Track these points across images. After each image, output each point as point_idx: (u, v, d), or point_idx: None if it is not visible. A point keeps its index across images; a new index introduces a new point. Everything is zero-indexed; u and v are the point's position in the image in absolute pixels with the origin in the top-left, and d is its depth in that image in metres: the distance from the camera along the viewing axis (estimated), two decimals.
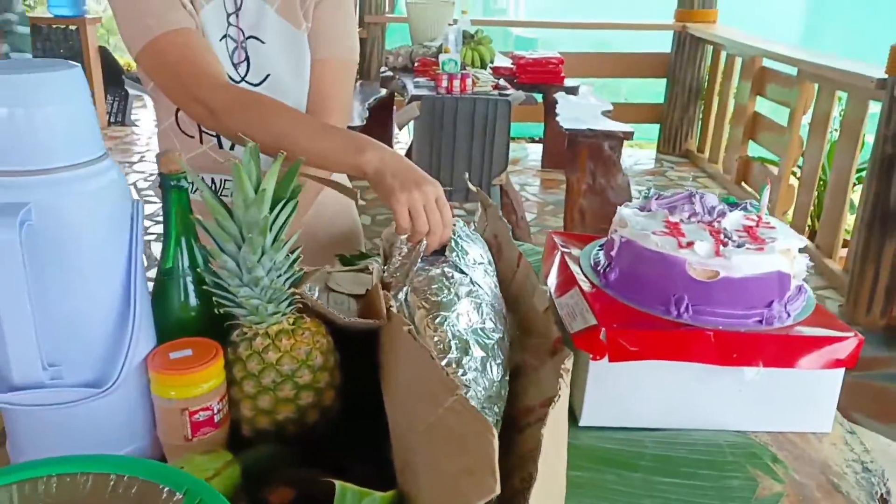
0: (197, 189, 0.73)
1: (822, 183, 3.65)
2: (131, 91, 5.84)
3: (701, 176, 5.03)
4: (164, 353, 0.73)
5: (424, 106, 2.94)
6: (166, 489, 0.54)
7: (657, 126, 5.66)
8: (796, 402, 0.86)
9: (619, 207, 0.97)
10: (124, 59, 6.18)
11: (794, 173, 3.88)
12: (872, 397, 2.50)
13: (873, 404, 2.47)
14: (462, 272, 0.84)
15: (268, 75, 1.18)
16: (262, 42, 1.16)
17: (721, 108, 4.97)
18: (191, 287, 0.80)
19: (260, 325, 0.76)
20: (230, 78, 1.15)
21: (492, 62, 3.83)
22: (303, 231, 1.29)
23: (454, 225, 0.94)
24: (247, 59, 1.16)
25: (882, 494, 0.78)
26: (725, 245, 0.86)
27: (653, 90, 5.74)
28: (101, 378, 0.70)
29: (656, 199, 0.99)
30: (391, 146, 5.13)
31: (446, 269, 0.83)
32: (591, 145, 3.49)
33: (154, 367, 0.72)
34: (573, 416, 0.86)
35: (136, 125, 6.02)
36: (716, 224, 0.92)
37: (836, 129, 3.54)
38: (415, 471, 0.62)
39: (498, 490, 0.53)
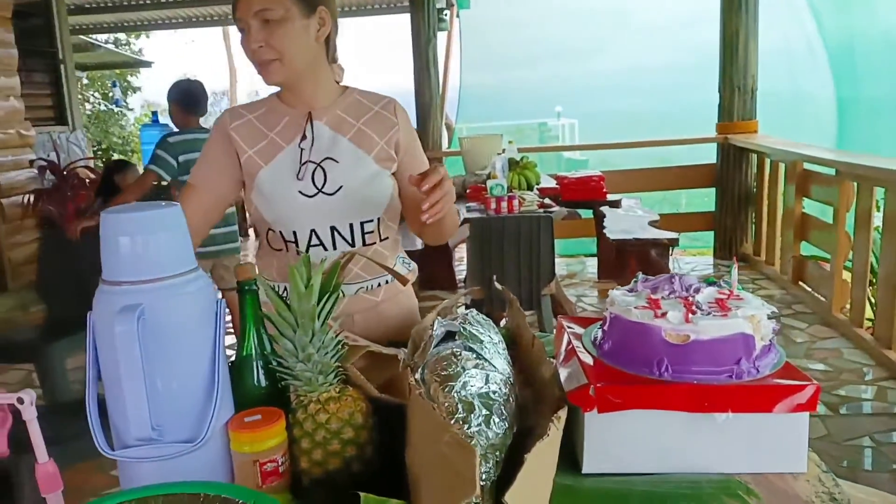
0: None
1: (874, 276, 3.69)
2: None
3: (759, 278, 5.08)
4: (240, 418, 0.94)
5: (474, 226, 3.21)
6: (240, 502, 0.73)
7: (712, 233, 5.79)
8: (770, 444, 0.99)
9: (610, 291, 1.16)
10: None
11: (846, 268, 3.93)
12: None
13: None
14: (470, 349, 1.03)
15: (340, 187, 1.45)
16: (336, 161, 1.45)
17: (771, 211, 5.09)
18: (261, 369, 1.02)
19: (313, 394, 0.96)
20: (303, 193, 1.43)
21: (538, 184, 4.11)
22: (372, 311, 1.51)
23: (469, 312, 1.15)
24: (324, 175, 1.44)
25: None
26: (695, 313, 1.03)
27: (712, 199, 5.91)
28: (192, 436, 0.91)
29: (643, 282, 1.17)
30: (451, 265, 5.41)
31: (455, 349, 1.02)
32: (639, 253, 3.68)
33: (232, 427, 0.92)
34: (577, 466, 1.01)
35: None
36: (690, 298, 1.09)
37: (879, 225, 3.62)
38: (420, 488, 0.80)
39: (478, 490, 0.70)
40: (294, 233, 1.46)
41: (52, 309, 3.28)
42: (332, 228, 1.46)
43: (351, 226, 1.46)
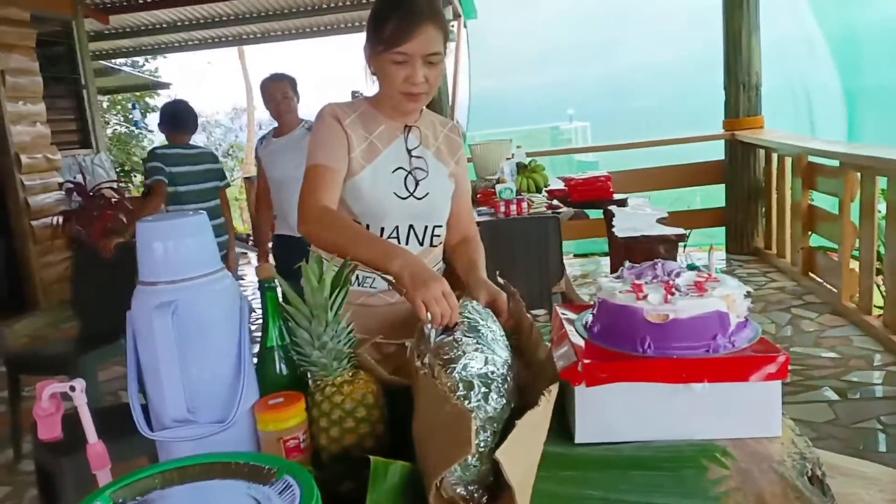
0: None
1: (882, 264, 3.74)
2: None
3: (770, 271, 5.13)
4: (264, 401, 1.05)
5: (484, 229, 3.30)
6: (266, 467, 0.85)
7: (723, 229, 5.85)
8: (746, 411, 1.08)
9: (597, 278, 1.26)
10: None
11: (854, 257, 3.98)
12: None
13: None
14: (468, 336, 1.13)
15: (427, 193, 1.65)
16: (425, 171, 1.67)
17: (780, 204, 5.15)
18: (282, 358, 1.13)
19: (328, 378, 1.07)
20: (397, 195, 1.62)
21: (546, 186, 4.21)
22: (378, 312, 1.63)
23: (468, 304, 1.25)
24: (416, 181, 1.65)
25: (813, 474, 0.99)
26: (673, 294, 1.13)
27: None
28: (222, 418, 1.02)
29: (628, 269, 1.28)
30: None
31: (456, 336, 1.12)
32: (648, 250, 3.74)
33: (258, 409, 1.03)
34: (572, 438, 1.11)
35: None
36: (671, 282, 1.19)
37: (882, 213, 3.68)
38: (423, 451, 0.91)
39: (473, 449, 0.81)
40: (382, 228, 1.63)
41: (85, 324, 3.43)
42: (411, 227, 1.65)
43: (426, 227, 1.67)
